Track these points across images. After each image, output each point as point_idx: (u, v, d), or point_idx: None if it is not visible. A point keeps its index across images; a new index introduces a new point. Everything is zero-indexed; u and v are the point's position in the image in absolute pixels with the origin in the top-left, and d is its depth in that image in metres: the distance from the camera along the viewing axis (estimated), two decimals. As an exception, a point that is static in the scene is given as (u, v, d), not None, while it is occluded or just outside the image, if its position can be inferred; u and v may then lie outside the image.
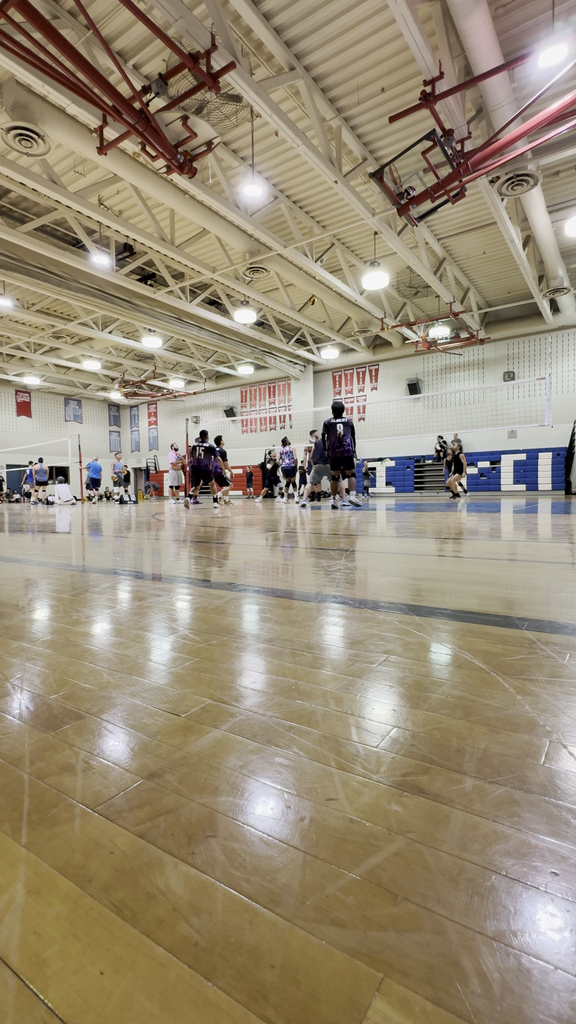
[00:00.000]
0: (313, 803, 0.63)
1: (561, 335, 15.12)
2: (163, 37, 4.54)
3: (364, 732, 0.81)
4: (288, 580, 2.17)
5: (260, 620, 1.52)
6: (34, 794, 0.66)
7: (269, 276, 12.64)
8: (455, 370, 17.12)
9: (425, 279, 11.37)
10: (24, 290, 13.31)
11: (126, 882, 0.51)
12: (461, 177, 5.95)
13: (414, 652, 1.20)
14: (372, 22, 5.92)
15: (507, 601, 1.69)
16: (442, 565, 2.46)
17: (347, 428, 8.12)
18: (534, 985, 0.39)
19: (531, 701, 0.92)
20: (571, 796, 0.64)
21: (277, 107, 6.11)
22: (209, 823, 0.59)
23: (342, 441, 8.05)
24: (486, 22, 5.27)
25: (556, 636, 1.29)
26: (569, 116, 5.14)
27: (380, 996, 0.39)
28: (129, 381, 20.62)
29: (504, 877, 0.50)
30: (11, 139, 6.51)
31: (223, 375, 22.26)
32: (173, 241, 10.11)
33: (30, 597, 1.92)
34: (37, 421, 23.11)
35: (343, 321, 16.45)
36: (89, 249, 10.18)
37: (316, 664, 1.13)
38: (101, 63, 6.07)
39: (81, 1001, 0.39)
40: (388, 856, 0.54)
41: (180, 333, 15.15)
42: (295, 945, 0.43)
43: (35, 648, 1.28)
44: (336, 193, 9.13)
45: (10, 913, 0.47)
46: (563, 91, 6.54)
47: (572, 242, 11.32)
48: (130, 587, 2.09)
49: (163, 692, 0.99)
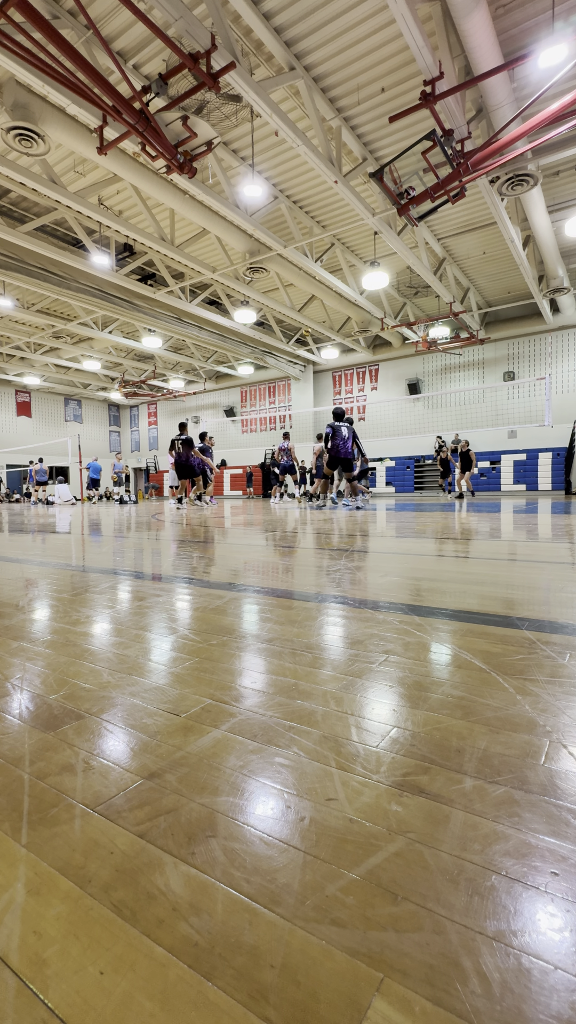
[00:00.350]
0: (313, 803, 0.63)
1: (561, 335, 15.12)
2: (163, 37, 4.54)
3: (364, 732, 0.81)
4: (288, 580, 2.17)
5: (260, 620, 1.52)
6: (34, 794, 0.66)
7: (269, 276, 12.64)
8: (455, 370, 17.12)
9: (425, 279, 11.37)
10: (24, 290, 13.31)
11: (126, 882, 0.51)
12: (461, 177, 5.95)
13: (414, 652, 1.20)
14: (372, 22, 5.92)
15: (507, 601, 1.69)
16: (442, 565, 2.46)
17: (351, 431, 8.48)
18: (534, 985, 0.39)
19: (531, 701, 0.92)
20: (571, 796, 0.64)
21: (277, 107, 6.11)
22: (209, 823, 0.59)
23: (346, 443, 8.40)
24: (486, 22, 5.27)
25: (556, 636, 1.29)
26: (569, 116, 5.14)
27: (380, 996, 0.39)
28: (129, 381, 20.62)
29: (504, 877, 0.50)
30: (11, 139, 6.51)
31: (223, 375, 22.26)
32: (173, 241, 10.11)
33: (30, 597, 1.92)
34: (37, 421, 23.11)
35: (343, 321, 16.45)
36: (89, 249, 10.18)
37: (316, 664, 1.13)
38: (101, 63, 6.07)
39: (81, 1001, 0.39)
40: (388, 856, 0.54)
41: (180, 333, 15.15)
42: (295, 945, 0.43)
43: (35, 648, 1.28)
44: (336, 193, 9.13)
45: (10, 913, 0.47)
46: (563, 91, 6.54)
47: (572, 242, 11.32)
48: (130, 587, 2.09)
49: (163, 692, 0.99)
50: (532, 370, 15.66)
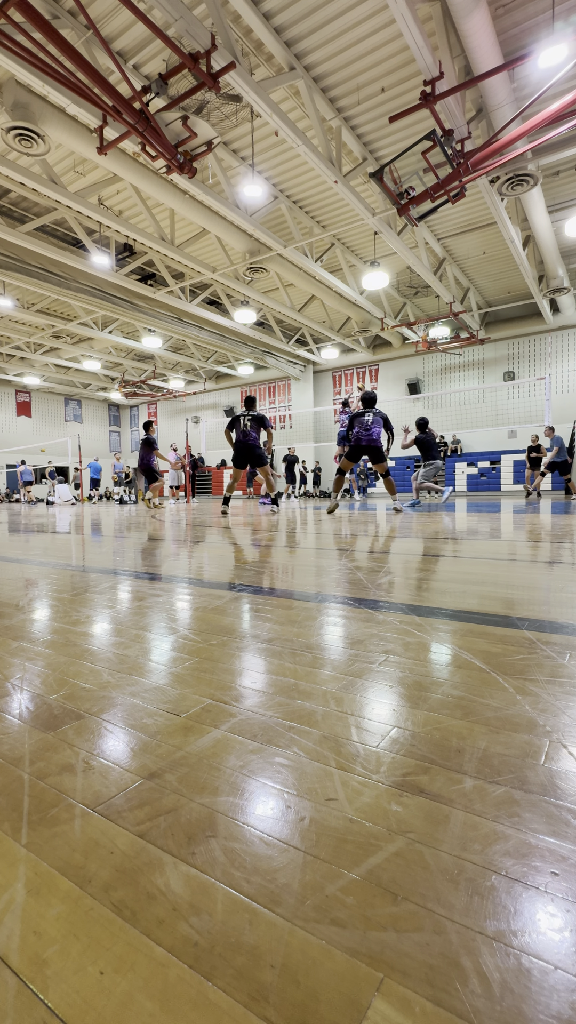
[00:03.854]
0: (313, 803, 0.63)
1: (561, 335, 15.12)
2: (163, 37, 4.54)
3: (364, 732, 0.81)
4: (288, 580, 2.17)
5: (260, 620, 1.52)
6: (34, 794, 0.66)
7: (269, 276, 12.64)
8: (455, 370, 17.12)
9: (425, 279, 11.37)
10: (24, 290, 13.30)
11: (126, 882, 0.51)
12: (461, 177, 5.95)
13: (414, 652, 1.20)
14: (372, 22, 5.92)
15: (507, 601, 1.69)
16: (442, 565, 2.46)
17: (380, 417, 6.60)
18: (534, 985, 0.39)
19: (531, 701, 0.92)
20: (571, 796, 0.64)
21: (277, 107, 6.12)
22: (209, 823, 0.59)
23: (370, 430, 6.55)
24: (486, 22, 5.27)
25: (556, 636, 1.29)
26: (569, 116, 5.14)
27: (380, 996, 0.39)
28: (129, 381, 20.62)
29: (504, 877, 0.50)
30: (11, 139, 6.51)
31: (223, 375, 22.26)
32: (173, 241, 10.11)
33: (30, 597, 1.92)
34: (37, 421, 23.11)
35: (343, 321, 16.45)
36: (89, 249, 10.18)
37: (316, 664, 1.13)
38: (101, 63, 6.07)
39: (81, 1001, 0.39)
40: (388, 856, 0.54)
41: (180, 333, 15.16)
42: (295, 945, 0.43)
43: (35, 648, 1.28)
44: (336, 193, 9.13)
45: (10, 913, 0.47)
46: (563, 91, 6.54)
47: (572, 242, 11.32)
48: (129, 587, 2.09)
49: (163, 692, 0.99)
50: (532, 370, 15.67)
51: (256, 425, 7.09)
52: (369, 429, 6.51)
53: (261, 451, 7.08)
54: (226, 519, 6.49)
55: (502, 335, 15.76)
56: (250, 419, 7.08)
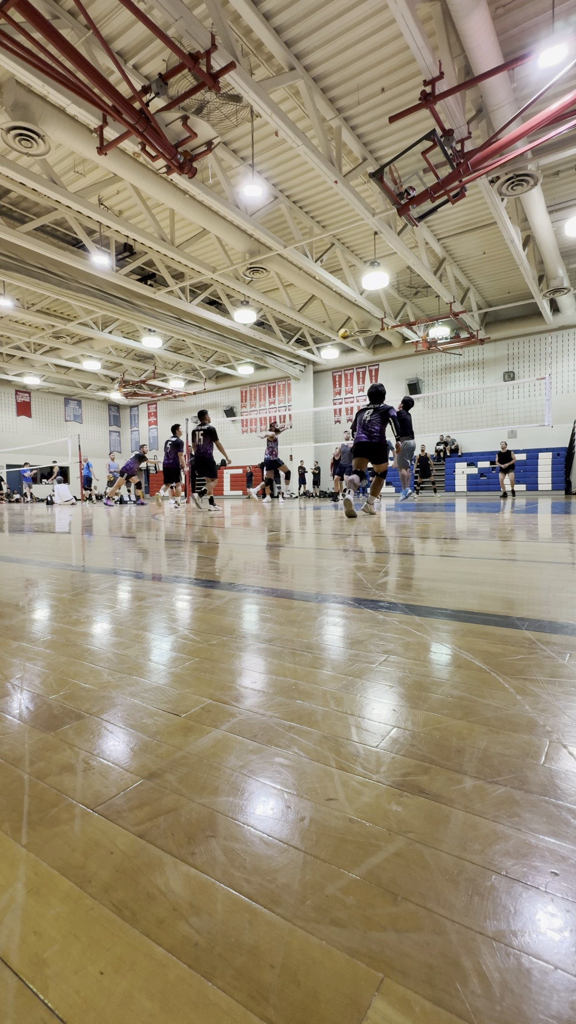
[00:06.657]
0: (313, 803, 0.63)
1: (561, 335, 15.12)
2: (163, 37, 4.54)
3: (364, 732, 0.81)
4: (288, 580, 2.17)
5: (260, 620, 1.52)
6: (34, 794, 0.66)
7: (269, 276, 12.64)
8: (455, 370, 17.12)
9: (425, 279, 11.37)
10: (24, 290, 13.30)
11: (126, 882, 0.51)
12: (461, 177, 5.95)
13: (414, 652, 1.20)
14: (372, 22, 5.92)
15: (507, 601, 1.69)
16: (442, 565, 2.46)
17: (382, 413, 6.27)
18: (534, 985, 0.39)
19: (531, 701, 0.91)
20: (571, 796, 0.64)
21: (277, 107, 6.12)
22: (209, 823, 0.59)
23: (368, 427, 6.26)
24: (486, 22, 5.27)
25: (556, 636, 1.29)
26: (569, 116, 5.14)
27: (380, 996, 0.39)
28: (129, 381, 20.61)
29: (504, 877, 0.50)
30: (11, 139, 6.51)
31: (223, 375, 22.26)
32: (173, 241, 10.11)
33: (30, 597, 1.92)
34: (37, 421, 23.11)
35: (343, 321, 16.45)
36: (89, 249, 10.18)
37: (316, 664, 1.13)
38: (101, 63, 6.07)
39: (81, 1001, 0.39)
40: (388, 856, 0.54)
41: (180, 333, 15.16)
42: (295, 945, 0.43)
43: (35, 648, 1.28)
44: (336, 193, 9.13)
45: (10, 913, 0.47)
46: (563, 91, 6.54)
47: (572, 242, 11.32)
48: (129, 587, 2.09)
49: (163, 692, 0.99)
50: (532, 370, 15.67)
51: (208, 438, 8.27)
52: (369, 428, 6.26)
53: (213, 463, 8.38)
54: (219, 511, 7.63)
55: (502, 335, 15.76)
56: (203, 432, 8.21)
